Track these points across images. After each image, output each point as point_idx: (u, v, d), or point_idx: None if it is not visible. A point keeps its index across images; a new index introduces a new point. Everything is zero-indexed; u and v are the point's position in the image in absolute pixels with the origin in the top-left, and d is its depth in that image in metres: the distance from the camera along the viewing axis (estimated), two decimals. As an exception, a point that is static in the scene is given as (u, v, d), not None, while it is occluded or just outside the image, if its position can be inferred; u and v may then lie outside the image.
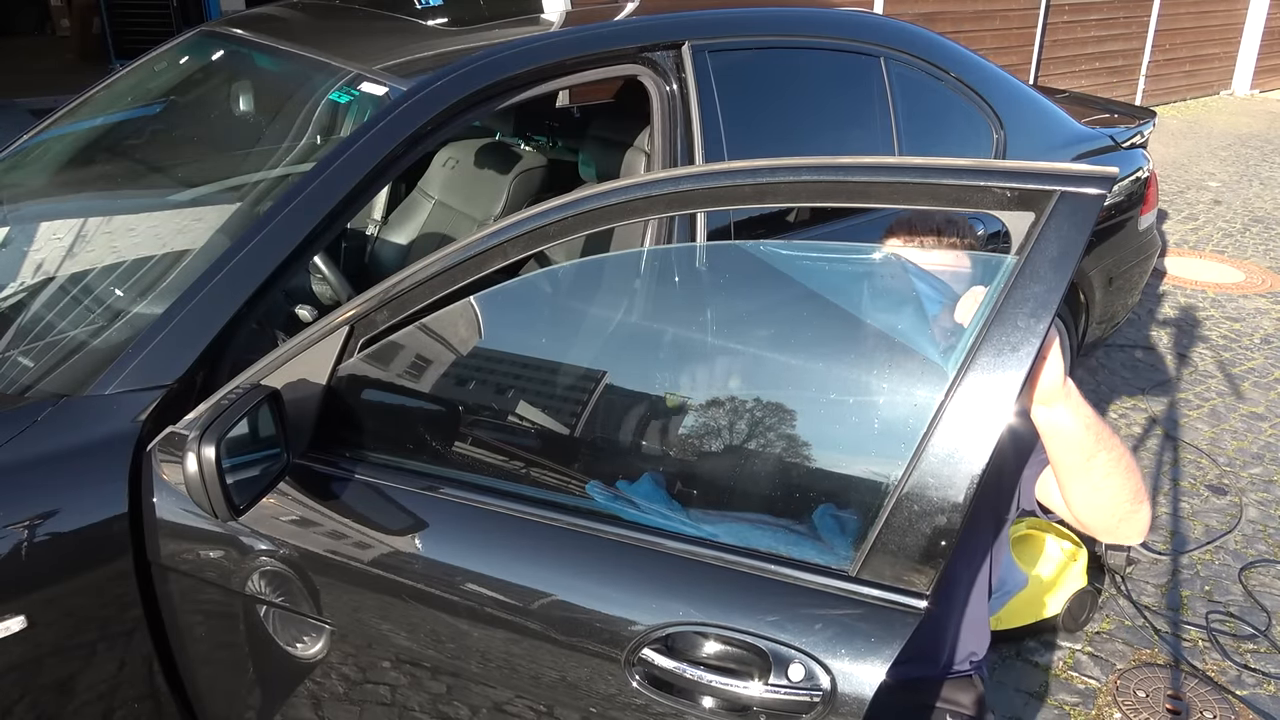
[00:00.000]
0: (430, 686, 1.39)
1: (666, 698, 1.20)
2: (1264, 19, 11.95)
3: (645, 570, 1.25)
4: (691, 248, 1.94)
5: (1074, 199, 1.05)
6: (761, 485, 1.30)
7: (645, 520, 1.28)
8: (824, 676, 1.13)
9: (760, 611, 1.17)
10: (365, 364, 1.42)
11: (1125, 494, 1.23)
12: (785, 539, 1.22)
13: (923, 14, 8.00)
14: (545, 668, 1.28)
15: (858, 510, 1.18)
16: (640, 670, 1.21)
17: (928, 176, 1.13)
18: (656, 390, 1.39)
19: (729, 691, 1.17)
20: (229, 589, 1.48)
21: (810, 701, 1.13)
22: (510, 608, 1.30)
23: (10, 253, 2.06)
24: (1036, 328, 1.04)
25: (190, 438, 1.23)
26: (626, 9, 2.47)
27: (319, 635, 1.45)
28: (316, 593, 1.42)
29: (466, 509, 1.36)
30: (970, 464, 1.07)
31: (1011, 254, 1.07)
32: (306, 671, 1.50)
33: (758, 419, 1.30)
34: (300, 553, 1.42)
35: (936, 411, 1.08)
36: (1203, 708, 2.42)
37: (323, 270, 2.27)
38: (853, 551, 1.15)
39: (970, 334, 1.08)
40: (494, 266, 1.36)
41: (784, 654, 1.15)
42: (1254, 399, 4.11)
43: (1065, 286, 1.04)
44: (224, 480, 1.24)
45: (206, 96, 2.46)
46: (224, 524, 1.42)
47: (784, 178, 1.21)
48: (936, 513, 1.08)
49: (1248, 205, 7.10)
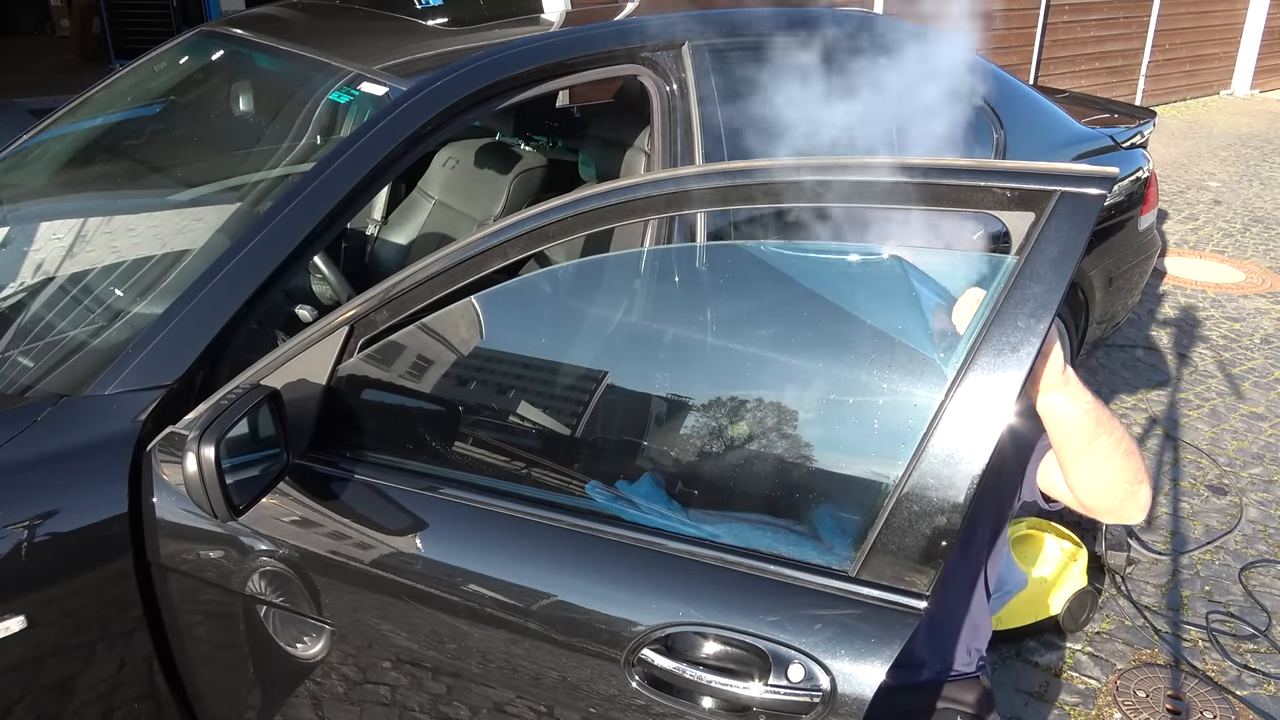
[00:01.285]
0: (430, 687, 1.39)
1: (666, 698, 1.20)
2: (1264, 19, 11.95)
3: (645, 570, 1.25)
4: (691, 248, 1.94)
5: (1074, 199, 1.05)
6: (761, 485, 1.30)
7: (645, 520, 1.27)
8: (824, 677, 1.13)
9: (760, 612, 1.17)
10: (365, 364, 1.42)
11: (1126, 474, 1.25)
12: (785, 539, 1.22)
13: (922, 14, 7.99)
14: (545, 668, 1.28)
15: (858, 510, 1.18)
16: (640, 670, 1.21)
17: (928, 177, 1.13)
18: (656, 391, 1.39)
19: (729, 692, 1.17)
20: (229, 589, 1.48)
21: (810, 702, 1.13)
22: (510, 608, 1.30)
23: (10, 253, 2.06)
24: (1037, 328, 1.04)
25: (190, 438, 1.23)
26: (626, 9, 2.47)
27: (319, 636, 1.45)
28: (316, 593, 1.42)
29: (466, 509, 1.36)
30: (970, 464, 1.07)
31: (1011, 254, 1.07)
32: (306, 672, 1.50)
33: (758, 419, 1.30)
34: (300, 553, 1.41)
35: (936, 412, 1.08)
36: (1203, 708, 2.42)
37: (323, 270, 2.27)
38: (853, 552, 1.15)
39: (970, 334, 1.08)
40: (493, 267, 1.36)
41: (784, 654, 1.15)
42: (1254, 399, 4.11)
43: (1065, 286, 1.04)
44: (224, 480, 1.24)
45: (206, 96, 2.46)
46: (223, 524, 1.42)
47: (783, 177, 1.21)
48: (936, 513, 1.08)
49: (1248, 205, 7.10)
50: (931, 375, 1.14)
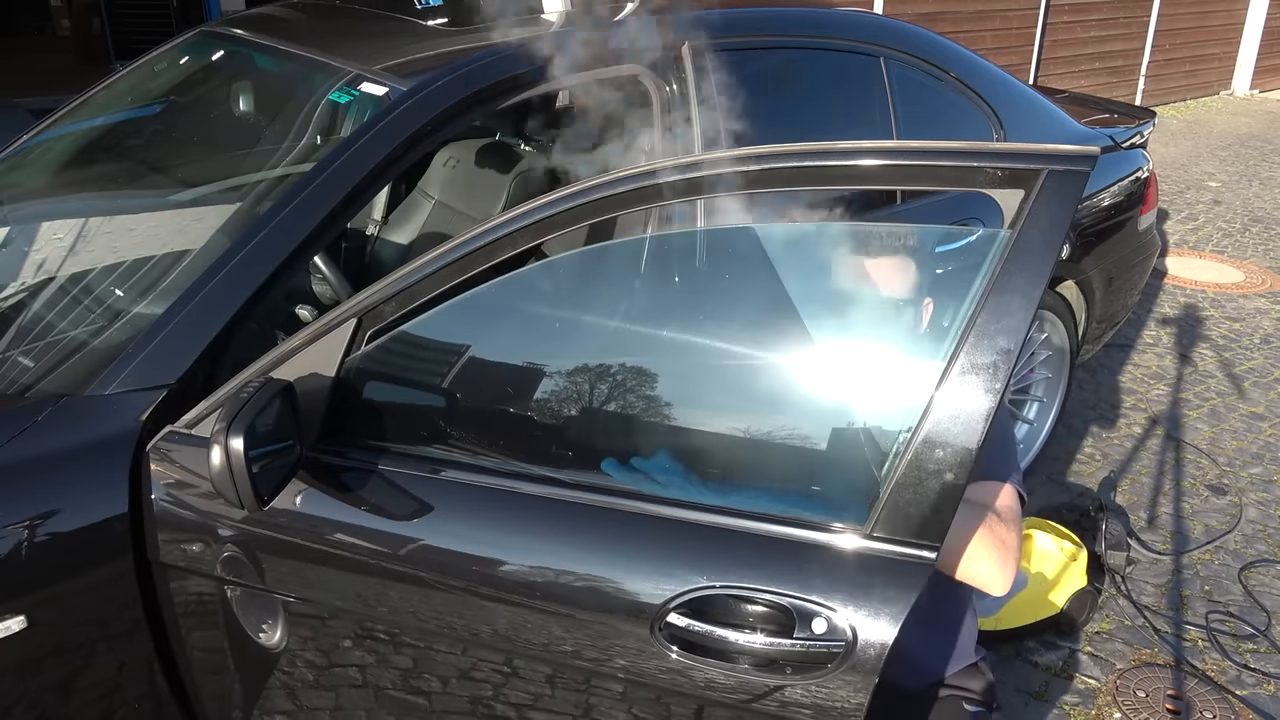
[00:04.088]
0: (464, 670, 1.40)
1: (696, 658, 1.24)
2: (1264, 19, 11.95)
3: (667, 540, 1.29)
4: (693, 232, 1.94)
5: (1060, 176, 1.14)
6: (774, 452, 1.34)
7: (663, 493, 1.31)
8: (846, 628, 1.19)
9: (782, 571, 1.23)
10: (374, 356, 1.43)
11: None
12: (800, 503, 1.27)
13: (923, 14, 8.00)
14: (582, 644, 1.31)
15: (869, 470, 1.24)
16: (667, 634, 1.26)
17: (927, 159, 1.23)
18: (666, 366, 1.41)
19: (756, 648, 1.23)
20: (231, 588, 1.48)
21: (833, 652, 1.19)
22: (537, 587, 1.32)
23: (10, 253, 2.06)
24: (1032, 293, 1.13)
25: (216, 430, 1.24)
26: (626, 9, 2.47)
27: (324, 630, 1.45)
28: (325, 588, 1.42)
29: (481, 492, 1.38)
30: (974, 421, 1.14)
31: (1005, 228, 1.17)
32: (315, 669, 1.49)
33: (770, 387, 1.36)
34: (305, 546, 1.41)
35: (942, 375, 1.15)
36: (1203, 708, 2.42)
37: (323, 270, 2.27)
38: (866, 510, 1.21)
39: (971, 301, 1.16)
40: (501, 257, 1.37)
41: (807, 609, 1.21)
42: (1254, 399, 4.11)
43: (1055, 255, 1.14)
44: (252, 471, 1.25)
45: (206, 97, 2.46)
46: (225, 523, 1.42)
47: (787, 163, 1.27)
48: (945, 469, 1.16)
49: (1248, 205, 7.10)
50: (936, 339, 1.21)
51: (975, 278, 1.17)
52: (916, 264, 1.44)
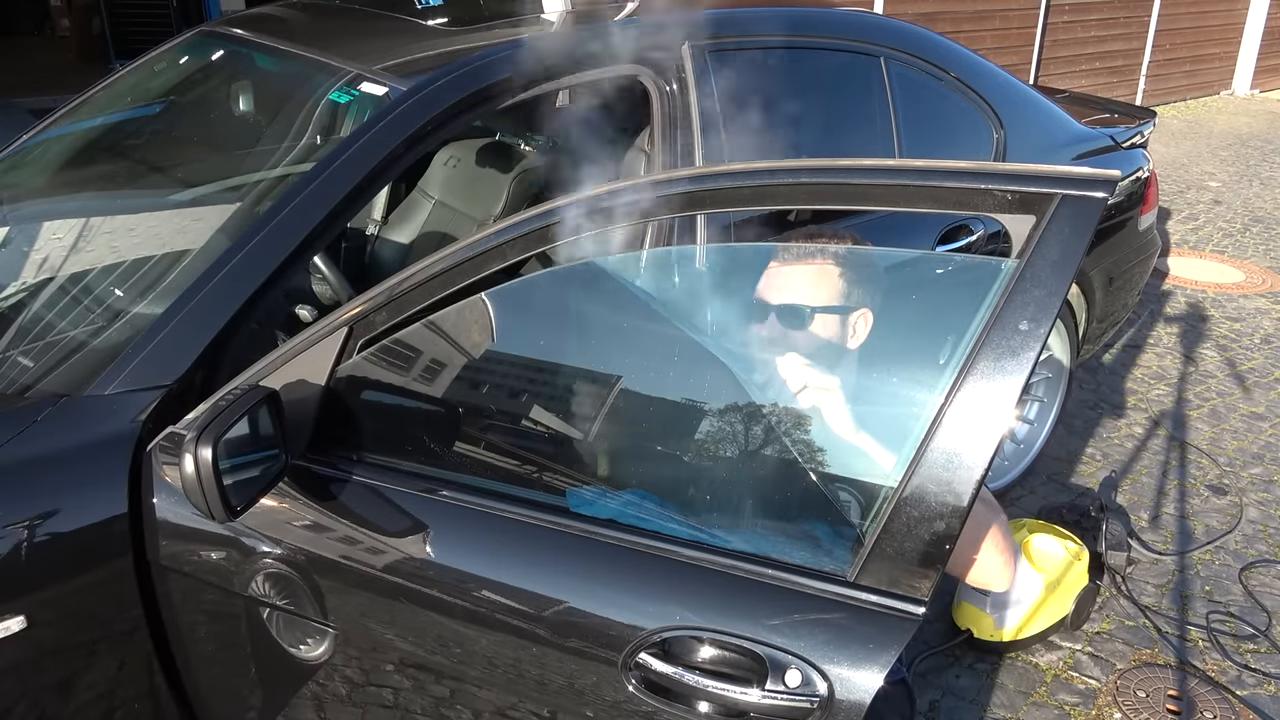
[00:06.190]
0: (434, 690, 1.39)
1: (664, 703, 1.19)
2: (1264, 19, 11.95)
3: (642, 574, 1.24)
4: (691, 250, 1.94)
5: (1075, 202, 1.04)
6: (759, 489, 1.30)
7: (644, 524, 1.27)
8: (821, 682, 1.12)
9: (757, 616, 1.16)
10: (364, 365, 1.42)
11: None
12: (783, 544, 1.22)
13: (923, 14, 8.00)
14: (549, 672, 1.28)
15: (856, 515, 1.18)
16: (637, 675, 1.21)
17: (928, 179, 1.13)
18: (655, 394, 1.39)
19: (726, 697, 1.16)
20: (229, 590, 1.48)
21: (807, 707, 1.12)
22: (508, 610, 1.30)
23: (10, 253, 2.06)
24: (1037, 331, 1.03)
25: (187, 439, 1.23)
26: (626, 9, 2.47)
27: (321, 637, 1.45)
28: (318, 595, 1.42)
29: (464, 511, 1.36)
30: (970, 468, 1.06)
31: (1012, 257, 1.07)
32: (308, 673, 1.49)
33: (757, 423, 1.30)
34: (300, 554, 1.41)
35: (936, 415, 1.08)
36: (1203, 708, 2.42)
37: (323, 270, 2.27)
38: (851, 556, 1.14)
39: (970, 338, 1.07)
40: (493, 268, 1.36)
41: (781, 659, 1.14)
42: (1254, 399, 4.11)
43: (1066, 290, 1.04)
44: (220, 481, 1.24)
45: (206, 97, 2.46)
46: (223, 525, 1.42)
47: (783, 180, 1.21)
48: (936, 518, 1.07)
49: (1248, 205, 7.10)
50: (931, 379, 1.13)
51: (976, 311, 1.08)
52: (843, 272, 1.35)
